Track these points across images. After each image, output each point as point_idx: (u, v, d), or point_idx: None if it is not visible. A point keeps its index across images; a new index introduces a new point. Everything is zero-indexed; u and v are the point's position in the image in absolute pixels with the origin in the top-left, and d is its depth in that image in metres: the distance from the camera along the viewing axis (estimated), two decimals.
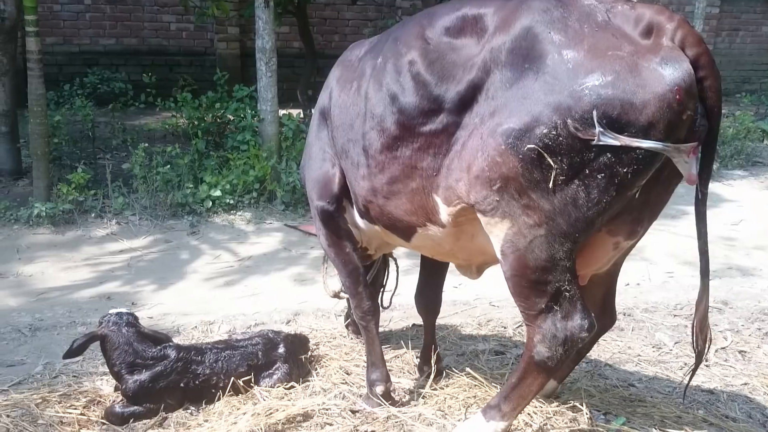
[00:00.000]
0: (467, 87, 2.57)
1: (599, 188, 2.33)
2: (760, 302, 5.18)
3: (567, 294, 2.53)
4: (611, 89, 2.24)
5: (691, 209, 2.63)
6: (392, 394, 3.40)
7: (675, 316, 4.86)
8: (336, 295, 4.08)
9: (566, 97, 2.29)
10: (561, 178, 2.34)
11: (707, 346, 2.75)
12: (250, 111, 8.13)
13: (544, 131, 2.32)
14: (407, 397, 3.52)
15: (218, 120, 8.43)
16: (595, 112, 2.24)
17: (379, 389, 3.35)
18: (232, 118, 8.34)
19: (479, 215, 2.59)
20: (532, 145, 2.34)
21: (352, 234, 3.40)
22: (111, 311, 3.51)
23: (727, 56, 15.80)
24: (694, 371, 2.90)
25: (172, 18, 12.28)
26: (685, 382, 3.78)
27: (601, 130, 2.24)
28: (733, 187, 8.95)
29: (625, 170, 2.30)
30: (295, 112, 8.80)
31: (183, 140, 8.46)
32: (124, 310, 3.54)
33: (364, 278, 3.45)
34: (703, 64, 2.27)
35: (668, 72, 2.22)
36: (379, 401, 3.34)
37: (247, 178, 7.29)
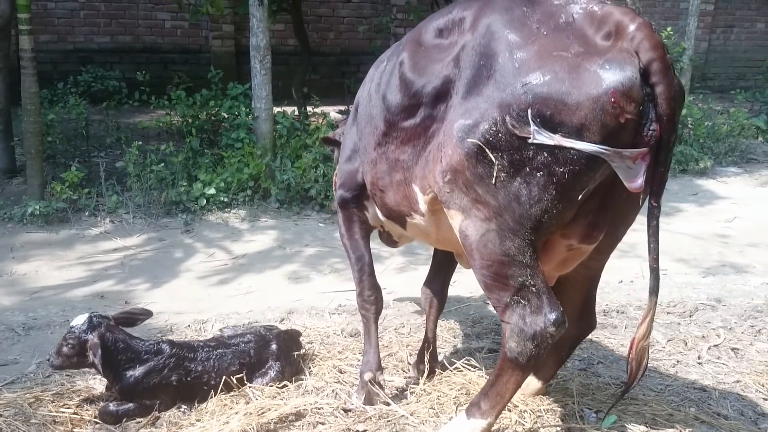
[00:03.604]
0: (442, 82, 2.66)
1: (539, 187, 2.37)
2: (753, 299, 5.19)
3: (533, 289, 2.55)
4: (546, 88, 2.28)
5: (685, 206, 2.62)
6: (381, 383, 3.41)
7: (668, 313, 4.87)
8: None
9: (508, 95, 2.36)
10: (503, 174, 2.42)
11: (642, 372, 2.70)
12: (244, 109, 8.09)
13: (486, 127, 2.41)
14: (400, 394, 3.53)
15: (212, 118, 8.39)
16: (530, 111, 2.30)
17: (368, 376, 3.40)
18: (226, 115, 8.29)
19: (443, 206, 2.69)
20: (475, 140, 2.43)
21: (366, 224, 3.55)
22: (77, 320, 3.39)
23: (722, 53, 15.85)
24: (621, 395, 2.89)
25: (167, 15, 12.25)
26: (682, 379, 3.79)
27: (536, 128, 2.29)
28: (728, 184, 8.94)
29: (562, 170, 2.32)
30: (289, 109, 8.77)
31: (177, 138, 8.43)
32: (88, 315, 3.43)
33: (370, 268, 3.52)
34: (654, 70, 2.25)
35: (607, 75, 2.22)
36: (366, 388, 3.38)
37: (241, 176, 7.27)
